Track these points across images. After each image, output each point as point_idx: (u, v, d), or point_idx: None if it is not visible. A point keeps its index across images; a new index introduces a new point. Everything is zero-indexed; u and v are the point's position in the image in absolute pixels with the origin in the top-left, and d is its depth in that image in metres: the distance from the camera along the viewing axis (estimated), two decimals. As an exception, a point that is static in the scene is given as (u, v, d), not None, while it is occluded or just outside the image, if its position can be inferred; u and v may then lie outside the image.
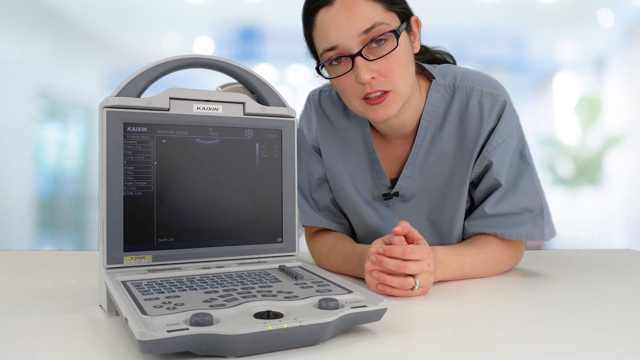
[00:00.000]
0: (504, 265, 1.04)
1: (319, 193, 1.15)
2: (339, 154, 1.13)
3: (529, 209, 1.03)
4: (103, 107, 0.75)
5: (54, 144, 3.34)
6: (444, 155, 1.06)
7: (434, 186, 1.08)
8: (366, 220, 1.12)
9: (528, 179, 1.05)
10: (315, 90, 1.20)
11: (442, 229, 1.09)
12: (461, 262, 0.97)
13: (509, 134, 1.03)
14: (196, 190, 0.80)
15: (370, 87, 0.95)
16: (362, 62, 0.93)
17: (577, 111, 3.49)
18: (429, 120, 1.07)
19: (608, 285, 0.96)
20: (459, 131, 1.05)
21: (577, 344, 0.63)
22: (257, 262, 0.84)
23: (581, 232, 3.36)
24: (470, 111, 1.04)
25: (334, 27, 0.94)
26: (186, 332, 0.54)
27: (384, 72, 0.95)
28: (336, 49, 0.95)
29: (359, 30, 0.92)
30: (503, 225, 1.03)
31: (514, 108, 1.07)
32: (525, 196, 1.04)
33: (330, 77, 0.99)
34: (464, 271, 0.97)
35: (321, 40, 0.97)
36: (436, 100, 1.07)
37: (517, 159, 1.06)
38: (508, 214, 1.03)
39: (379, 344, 0.62)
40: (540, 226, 1.03)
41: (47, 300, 0.81)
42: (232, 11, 3.41)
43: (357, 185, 1.12)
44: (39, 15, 3.14)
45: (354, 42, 0.93)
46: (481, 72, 1.10)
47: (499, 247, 1.03)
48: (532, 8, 3.48)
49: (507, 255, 1.04)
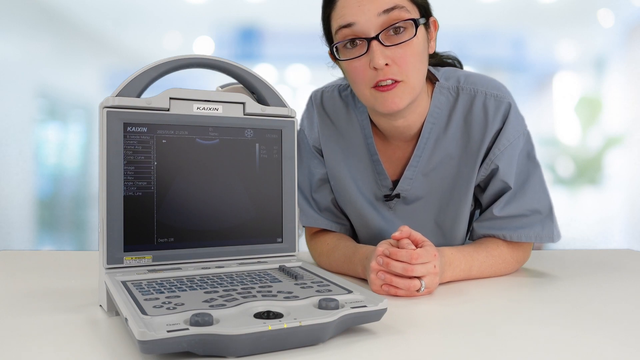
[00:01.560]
0: (511, 267, 1.04)
1: (320, 194, 1.15)
2: (340, 154, 1.13)
3: (537, 211, 1.03)
4: (103, 107, 0.75)
5: (54, 144, 3.33)
6: (448, 158, 1.06)
7: (438, 189, 1.08)
8: (368, 221, 1.12)
9: (536, 181, 1.05)
10: (317, 91, 1.19)
11: (445, 232, 1.09)
12: (469, 264, 0.97)
13: (515, 137, 1.03)
14: (196, 191, 0.80)
15: (383, 75, 0.94)
16: (378, 46, 0.92)
17: (577, 111, 3.49)
18: (432, 122, 1.06)
19: (608, 285, 0.96)
20: (463, 133, 1.05)
21: (577, 344, 0.63)
22: (257, 262, 0.84)
23: (581, 232, 3.36)
24: (475, 113, 1.04)
25: (354, 6, 0.93)
26: (186, 332, 0.54)
27: (398, 60, 0.94)
28: (352, 27, 0.93)
29: (380, 10, 0.91)
30: (512, 228, 1.03)
31: (518, 110, 1.06)
32: (533, 198, 1.03)
33: (343, 59, 0.97)
34: (472, 273, 0.98)
35: (338, 18, 0.95)
36: (440, 102, 1.06)
37: (525, 160, 1.06)
38: (517, 216, 1.03)
39: (379, 344, 0.62)
40: (549, 228, 1.04)
41: (47, 300, 0.82)
42: (232, 11, 3.40)
43: (359, 186, 1.12)
44: (39, 15, 3.14)
45: (372, 23, 0.92)
46: (484, 75, 1.09)
47: (508, 249, 1.03)
48: (532, 8, 3.48)
49: (514, 258, 1.04)
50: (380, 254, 0.87)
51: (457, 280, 0.96)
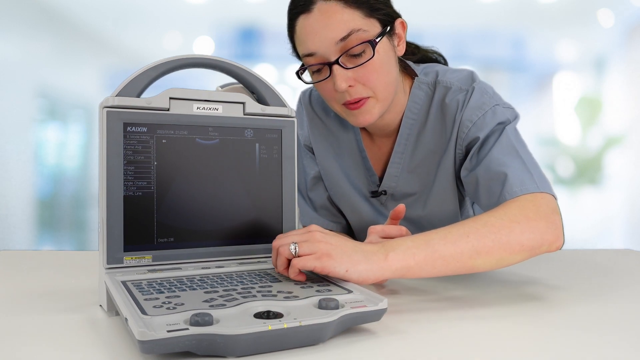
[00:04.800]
0: (506, 230, 0.78)
1: (315, 192, 1.15)
2: (331, 152, 1.14)
3: (507, 168, 0.91)
4: (103, 107, 0.75)
5: (54, 144, 3.33)
6: (431, 153, 1.06)
7: (425, 185, 1.08)
8: (363, 216, 1.12)
9: (502, 146, 0.94)
10: (305, 91, 1.20)
11: (436, 227, 1.09)
12: (424, 239, 0.77)
13: (478, 116, 0.98)
14: (196, 190, 0.80)
15: (349, 95, 0.95)
16: (340, 70, 0.93)
17: (577, 111, 3.49)
18: (412, 118, 1.06)
19: (608, 285, 0.96)
20: (441, 127, 1.04)
21: (577, 344, 0.63)
22: (257, 262, 0.84)
23: (581, 232, 3.36)
24: (449, 106, 1.02)
25: (311, 34, 0.94)
26: (186, 332, 0.54)
27: (361, 79, 0.94)
28: (314, 56, 0.95)
29: (336, 38, 0.92)
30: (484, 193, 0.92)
31: (486, 90, 1.01)
32: (500, 160, 0.92)
33: (311, 82, 1.00)
34: (434, 246, 0.75)
35: (300, 45, 0.97)
36: (419, 97, 1.06)
37: (497, 131, 0.97)
38: (490, 180, 0.92)
39: (379, 344, 0.62)
40: (527, 176, 0.89)
41: (47, 300, 0.81)
42: (232, 11, 3.40)
43: (352, 182, 1.13)
44: (39, 15, 3.14)
45: (331, 50, 0.93)
46: (464, 69, 1.08)
47: (488, 214, 0.82)
48: (532, 8, 3.48)
49: (504, 219, 0.79)
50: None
51: (425, 264, 0.75)
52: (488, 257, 0.77)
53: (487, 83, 1.05)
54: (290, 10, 0.98)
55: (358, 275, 0.71)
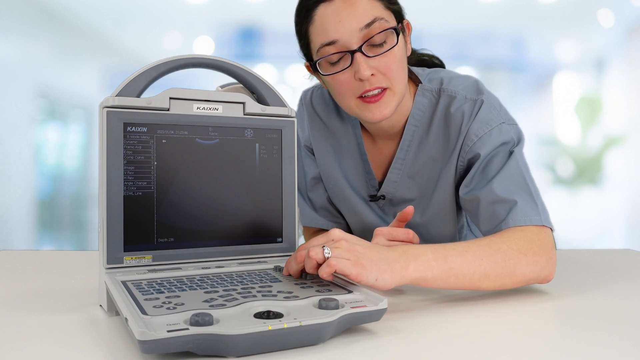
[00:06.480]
0: (514, 259, 0.82)
1: (315, 193, 1.15)
2: (332, 153, 1.14)
3: (515, 195, 0.92)
4: (103, 107, 0.75)
5: (54, 144, 3.33)
6: (432, 160, 1.06)
7: (424, 191, 1.08)
8: (362, 218, 1.12)
9: (510, 170, 0.95)
10: (307, 90, 1.20)
11: (432, 235, 1.09)
12: (444, 253, 0.78)
13: (484, 131, 0.99)
14: (196, 190, 0.80)
15: (370, 84, 0.94)
16: (362, 58, 0.93)
17: (577, 111, 3.49)
18: (415, 124, 1.06)
19: (608, 285, 0.96)
20: (444, 136, 1.04)
21: (577, 344, 0.63)
22: (257, 262, 0.84)
23: (581, 232, 3.36)
24: (454, 116, 1.02)
25: (334, 22, 0.93)
26: (186, 332, 0.54)
27: (383, 69, 0.94)
28: (335, 44, 0.94)
29: (360, 25, 0.92)
30: (490, 218, 0.92)
31: (494, 106, 1.02)
32: (507, 186, 0.93)
33: (327, 74, 0.98)
34: (452, 263, 0.78)
35: (319, 35, 0.95)
36: (422, 104, 1.06)
37: (502, 151, 0.97)
38: (495, 202, 0.92)
39: (379, 344, 0.62)
40: (531, 206, 0.91)
41: (47, 300, 0.82)
42: (232, 11, 3.40)
43: (352, 184, 1.13)
44: (39, 15, 3.14)
45: (354, 38, 0.92)
46: (470, 77, 1.08)
47: (498, 237, 0.86)
48: (532, 8, 3.48)
49: (511, 247, 0.83)
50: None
51: (440, 278, 0.78)
52: (494, 281, 0.81)
53: (492, 94, 1.05)
54: (307, 0, 0.97)
55: (384, 283, 0.72)
